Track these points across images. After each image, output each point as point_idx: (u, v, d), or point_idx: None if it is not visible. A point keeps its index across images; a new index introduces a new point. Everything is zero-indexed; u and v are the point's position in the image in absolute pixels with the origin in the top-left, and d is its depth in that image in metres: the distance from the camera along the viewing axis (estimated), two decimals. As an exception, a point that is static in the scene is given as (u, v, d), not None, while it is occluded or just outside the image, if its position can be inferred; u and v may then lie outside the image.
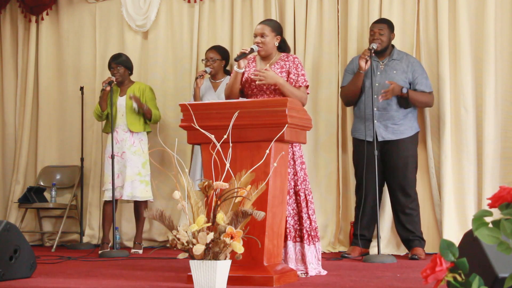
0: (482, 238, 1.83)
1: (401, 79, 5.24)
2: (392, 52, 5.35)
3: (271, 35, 4.27)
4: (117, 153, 5.79)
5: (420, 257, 5.06)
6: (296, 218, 4.08)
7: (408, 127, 5.27)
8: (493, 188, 5.20)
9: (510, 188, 1.84)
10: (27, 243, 4.02)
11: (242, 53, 4.18)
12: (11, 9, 7.18)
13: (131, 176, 5.80)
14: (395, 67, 5.28)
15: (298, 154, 4.16)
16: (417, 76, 5.27)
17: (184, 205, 3.29)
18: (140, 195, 5.84)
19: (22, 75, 7.03)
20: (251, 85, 4.24)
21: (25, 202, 6.46)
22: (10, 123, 7.12)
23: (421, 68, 5.34)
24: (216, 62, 5.77)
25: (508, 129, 5.44)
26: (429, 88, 5.31)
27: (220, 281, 3.23)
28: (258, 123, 3.64)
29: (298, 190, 4.09)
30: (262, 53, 4.28)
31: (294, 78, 4.22)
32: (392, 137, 5.21)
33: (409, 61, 5.32)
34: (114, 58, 5.98)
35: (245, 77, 4.27)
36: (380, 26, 5.30)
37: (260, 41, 4.25)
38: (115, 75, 5.87)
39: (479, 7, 5.50)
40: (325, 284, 3.66)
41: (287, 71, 4.23)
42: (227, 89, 4.33)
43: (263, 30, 4.27)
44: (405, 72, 5.27)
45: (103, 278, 4.01)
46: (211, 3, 6.44)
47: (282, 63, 4.26)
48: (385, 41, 5.28)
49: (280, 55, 4.31)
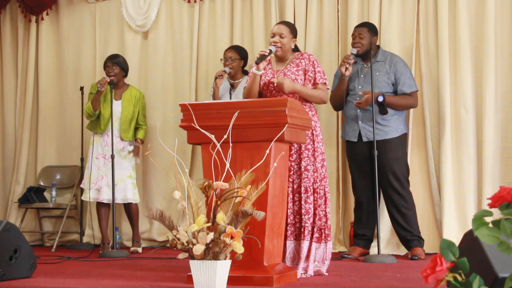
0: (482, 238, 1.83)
1: (383, 80, 5.24)
2: (377, 53, 5.35)
3: (289, 37, 4.28)
4: (104, 155, 5.80)
5: (420, 257, 5.06)
6: (309, 216, 4.07)
7: (394, 128, 5.26)
8: (493, 188, 5.20)
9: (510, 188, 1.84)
10: (27, 243, 4.02)
11: (262, 55, 4.17)
12: (11, 9, 7.19)
13: (122, 178, 5.82)
14: (378, 69, 5.27)
15: (320, 150, 4.17)
16: (399, 76, 5.26)
17: (184, 205, 3.29)
18: (132, 197, 5.89)
19: (22, 75, 7.03)
20: (269, 87, 4.24)
21: (25, 202, 6.46)
22: (10, 123, 7.12)
23: (404, 68, 5.30)
24: (235, 62, 5.74)
25: (508, 129, 5.44)
26: (412, 88, 5.27)
27: (220, 281, 3.23)
28: (258, 123, 3.64)
29: (316, 187, 4.10)
30: (279, 53, 4.27)
31: (312, 76, 4.23)
32: (378, 138, 5.18)
33: (393, 61, 5.29)
34: (111, 58, 6.00)
35: (263, 80, 4.27)
36: (360, 30, 5.31)
37: (278, 41, 4.25)
38: (109, 74, 5.88)
39: (479, 7, 5.50)
40: (325, 284, 3.66)
41: (303, 69, 4.23)
42: (245, 92, 4.33)
43: (282, 30, 4.27)
44: (388, 73, 5.26)
45: (103, 278, 4.01)
46: (211, 3, 6.44)
47: (297, 61, 4.26)
48: (366, 44, 5.28)
49: (295, 54, 4.32)
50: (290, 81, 4.15)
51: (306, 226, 4.05)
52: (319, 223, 4.07)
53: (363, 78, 5.30)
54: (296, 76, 4.21)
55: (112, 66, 5.92)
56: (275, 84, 4.21)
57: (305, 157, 4.12)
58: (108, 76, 5.87)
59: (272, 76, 4.26)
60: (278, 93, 4.22)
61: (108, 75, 5.90)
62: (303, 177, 4.09)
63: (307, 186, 4.08)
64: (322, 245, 4.08)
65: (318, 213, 4.08)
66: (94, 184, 5.77)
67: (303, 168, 4.10)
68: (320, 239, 4.07)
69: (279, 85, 4.14)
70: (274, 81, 4.22)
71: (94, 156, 5.84)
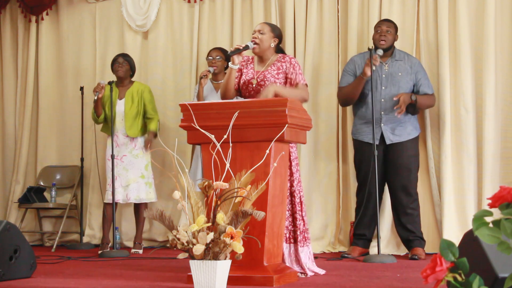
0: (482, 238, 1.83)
1: (406, 81, 5.23)
2: (394, 52, 5.34)
3: (269, 35, 4.25)
4: (116, 156, 5.81)
5: (420, 257, 5.06)
6: (290, 220, 4.07)
7: (413, 128, 5.28)
8: (493, 188, 5.20)
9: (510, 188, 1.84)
10: (27, 243, 4.02)
11: (236, 48, 4.14)
12: (11, 9, 7.18)
13: (135, 178, 5.83)
14: (399, 69, 5.26)
15: (294, 155, 4.14)
16: (420, 77, 5.27)
17: (184, 205, 3.29)
18: (146, 197, 5.90)
19: (22, 75, 7.03)
20: (248, 87, 4.23)
21: (25, 202, 6.46)
22: (10, 123, 7.12)
23: (423, 69, 5.35)
24: (220, 61, 5.78)
25: (508, 129, 5.44)
26: (432, 89, 5.32)
27: (220, 281, 3.23)
28: (258, 123, 3.64)
29: (293, 191, 4.08)
30: (257, 50, 4.23)
31: (292, 77, 4.20)
32: (400, 139, 5.20)
33: (412, 62, 5.31)
34: (122, 54, 6.07)
35: (243, 80, 4.25)
36: (388, 24, 5.30)
37: (257, 37, 4.23)
38: (118, 70, 5.92)
39: (479, 7, 5.50)
40: (325, 284, 3.66)
41: (284, 72, 4.21)
42: (222, 87, 4.28)
43: (262, 27, 4.26)
44: (409, 74, 5.26)
45: (103, 278, 4.01)
46: (211, 3, 6.44)
47: (278, 64, 4.24)
48: (391, 40, 5.27)
49: (277, 56, 4.29)
50: (271, 87, 4.06)
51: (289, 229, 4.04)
52: (299, 227, 4.05)
53: (384, 78, 5.26)
54: (276, 79, 4.18)
55: (123, 62, 5.97)
56: (253, 85, 4.19)
57: None
58: (116, 71, 5.91)
59: (252, 76, 4.24)
60: (255, 94, 4.19)
61: (116, 70, 5.93)
62: None
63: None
64: (306, 248, 4.07)
65: (297, 217, 4.06)
66: (109, 185, 5.78)
67: None
68: (302, 242, 4.04)
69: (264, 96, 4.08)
70: (253, 82, 4.20)
71: (107, 158, 5.88)
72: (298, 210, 4.06)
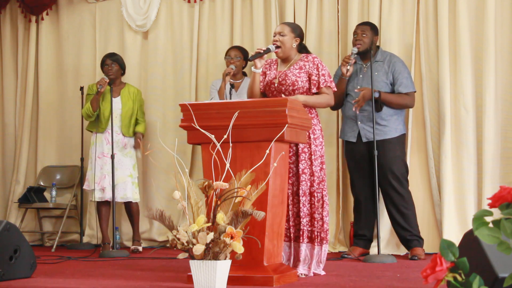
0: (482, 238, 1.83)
1: (382, 80, 5.24)
2: (377, 53, 5.35)
3: (290, 36, 4.25)
4: (106, 154, 5.80)
5: (420, 257, 5.06)
6: (308, 219, 4.08)
7: (393, 128, 5.25)
8: (493, 188, 5.20)
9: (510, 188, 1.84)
10: (27, 243, 4.02)
11: (257, 52, 4.16)
12: (11, 9, 7.18)
13: (123, 177, 5.83)
14: (376, 69, 5.27)
15: (318, 154, 4.15)
16: (397, 76, 5.25)
17: (184, 205, 3.29)
18: (132, 196, 5.91)
19: (22, 75, 7.03)
20: (270, 87, 4.25)
21: (25, 202, 6.46)
22: (10, 123, 7.12)
23: (403, 68, 5.30)
24: (239, 61, 5.76)
25: (508, 129, 5.44)
26: (409, 89, 5.26)
27: (220, 281, 3.24)
28: (258, 123, 3.65)
29: (313, 191, 4.09)
30: (281, 54, 4.25)
31: (316, 80, 4.20)
32: (378, 138, 5.17)
33: (391, 61, 5.30)
34: (109, 56, 6.03)
35: (266, 80, 4.27)
36: (363, 28, 5.32)
37: (278, 39, 4.23)
38: (108, 72, 5.91)
39: (479, 7, 5.50)
40: (325, 284, 3.66)
41: (306, 71, 4.21)
42: (248, 90, 4.34)
43: (282, 29, 4.27)
44: (386, 73, 5.26)
45: (103, 278, 4.01)
46: (211, 3, 6.44)
47: (301, 63, 4.24)
48: (367, 42, 5.28)
49: (300, 55, 4.29)
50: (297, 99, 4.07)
51: (303, 229, 4.06)
52: (317, 226, 4.07)
53: (362, 78, 5.30)
54: (297, 77, 4.19)
55: (111, 63, 5.95)
56: (275, 85, 4.22)
57: (302, 160, 4.11)
58: (108, 74, 5.90)
59: (274, 76, 4.26)
60: (278, 94, 4.21)
61: (107, 73, 5.93)
62: (301, 180, 4.09)
63: (304, 189, 4.08)
64: (317, 248, 4.08)
65: (315, 217, 4.08)
66: (97, 184, 5.77)
67: (301, 171, 4.10)
68: (316, 242, 4.07)
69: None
70: (275, 82, 4.22)
71: (97, 155, 5.85)
72: (318, 210, 4.08)
